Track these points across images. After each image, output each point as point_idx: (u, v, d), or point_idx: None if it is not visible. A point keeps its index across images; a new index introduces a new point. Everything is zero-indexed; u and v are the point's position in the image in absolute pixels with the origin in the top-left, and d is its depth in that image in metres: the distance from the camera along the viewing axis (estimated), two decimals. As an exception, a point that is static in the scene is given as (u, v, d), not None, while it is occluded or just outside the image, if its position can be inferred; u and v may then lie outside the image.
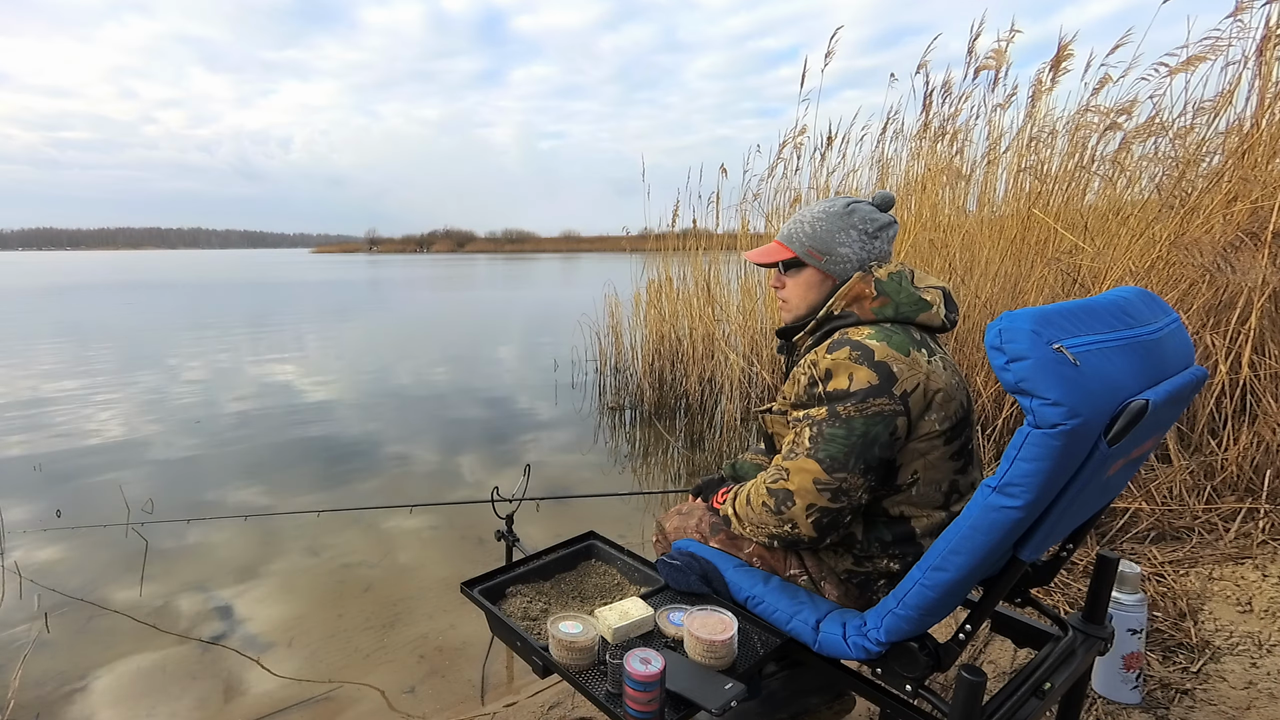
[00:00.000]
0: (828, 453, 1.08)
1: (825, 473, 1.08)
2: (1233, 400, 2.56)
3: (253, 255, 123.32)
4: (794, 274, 1.27)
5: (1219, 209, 2.66)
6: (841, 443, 1.08)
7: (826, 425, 1.09)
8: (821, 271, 1.24)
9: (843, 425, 1.08)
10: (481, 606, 1.38)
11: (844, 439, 1.08)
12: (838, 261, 1.23)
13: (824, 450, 1.09)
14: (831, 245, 1.23)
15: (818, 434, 1.10)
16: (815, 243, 1.24)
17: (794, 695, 1.41)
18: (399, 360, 8.14)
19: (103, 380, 6.83)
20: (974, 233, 3.66)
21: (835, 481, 1.08)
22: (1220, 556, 2.19)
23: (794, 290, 1.28)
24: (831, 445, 1.08)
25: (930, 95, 4.00)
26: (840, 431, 1.08)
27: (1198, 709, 1.61)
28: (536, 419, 5.38)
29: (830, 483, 1.09)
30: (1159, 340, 1.00)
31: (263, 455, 4.46)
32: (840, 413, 1.08)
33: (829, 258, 1.23)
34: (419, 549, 3.05)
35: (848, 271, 1.23)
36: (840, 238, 1.23)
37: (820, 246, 1.23)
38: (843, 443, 1.08)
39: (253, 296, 18.97)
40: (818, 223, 1.24)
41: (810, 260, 1.24)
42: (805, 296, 1.27)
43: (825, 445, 1.09)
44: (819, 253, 1.23)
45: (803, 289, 1.27)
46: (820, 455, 1.09)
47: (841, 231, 1.23)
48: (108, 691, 2.11)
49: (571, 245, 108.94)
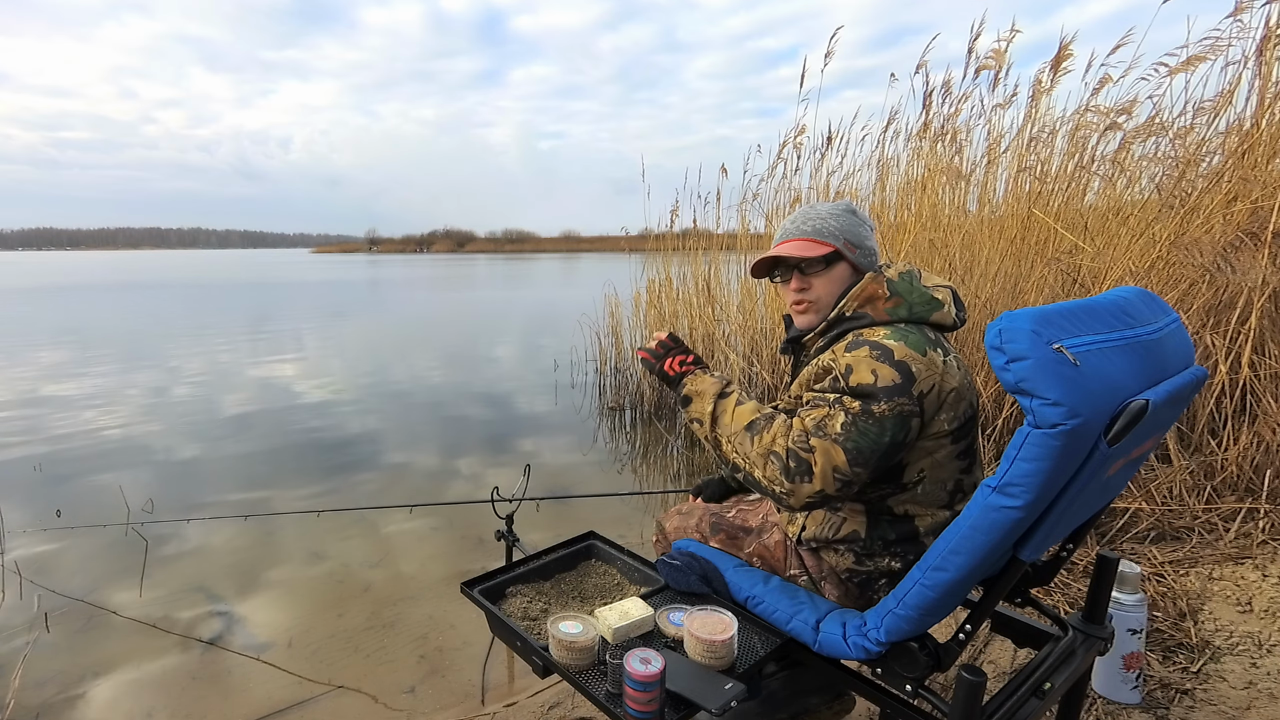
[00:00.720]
0: (856, 445, 1.06)
1: (848, 464, 1.06)
2: (1233, 400, 2.56)
3: (252, 255, 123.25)
4: (822, 271, 1.22)
5: (1219, 209, 2.67)
6: (873, 439, 1.06)
7: (861, 419, 1.06)
8: (853, 266, 1.23)
9: (876, 423, 1.06)
10: (481, 606, 1.38)
11: (875, 436, 1.06)
12: (867, 254, 1.24)
13: (854, 442, 1.06)
14: (861, 238, 1.23)
15: (851, 424, 1.07)
16: (849, 236, 1.23)
17: (794, 695, 1.41)
18: (399, 360, 8.14)
19: (103, 381, 6.83)
20: (974, 233, 3.66)
21: (852, 475, 1.07)
22: (1220, 556, 2.19)
23: (824, 287, 1.23)
24: (863, 439, 1.06)
25: (930, 95, 4.00)
26: (873, 429, 1.06)
27: (1198, 709, 1.61)
28: (536, 419, 5.38)
29: (848, 475, 1.07)
30: (1159, 340, 1.00)
31: (263, 455, 4.46)
32: (875, 411, 1.06)
33: (861, 250, 1.23)
34: (419, 549, 3.05)
35: (874, 265, 1.23)
36: (863, 231, 1.24)
37: (854, 239, 1.23)
38: (874, 439, 1.06)
39: (253, 297, 18.97)
40: (838, 218, 1.23)
41: (848, 253, 1.22)
42: (835, 294, 1.22)
43: (857, 437, 1.06)
44: (854, 245, 1.23)
45: (834, 285, 1.22)
46: (849, 445, 1.06)
47: (861, 226, 1.24)
48: (108, 692, 2.11)
49: (571, 245, 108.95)
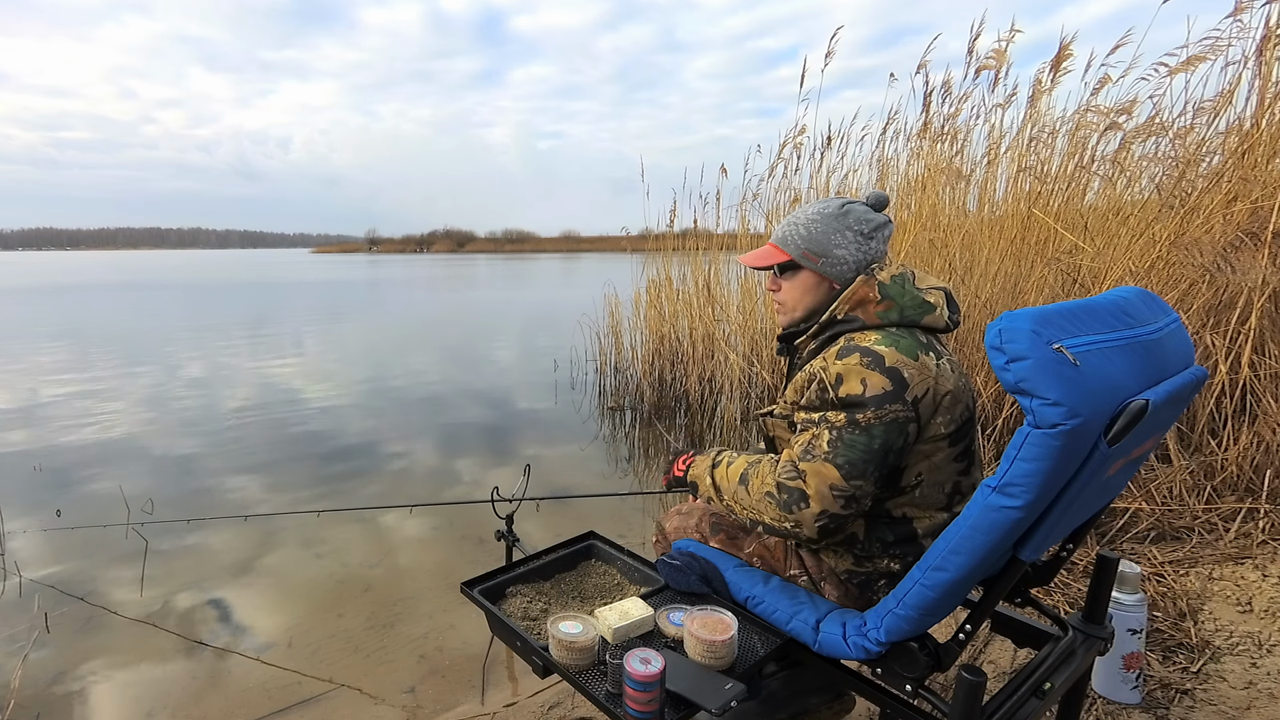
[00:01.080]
0: (847, 459, 1.06)
1: (843, 479, 1.06)
2: (1233, 400, 2.56)
3: (253, 255, 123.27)
4: (790, 277, 1.25)
5: (1219, 209, 2.67)
6: (862, 450, 1.06)
7: (847, 431, 1.07)
8: (818, 274, 1.22)
9: (863, 433, 1.06)
10: (481, 606, 1.38)
11: (864, 446, 1.05)
12: (834, 264, 1.21)
13: (843, 456, 1.06)
14: (827, 247, 1.20)
15: (837, 439, 1.07)
16: (811, 244, 1.21)
17: (794, 695, 1.41)
18: (399, 361, 8.14)
19: (103, 381, 6.83)
20: (974, 233, 3.66)
21: (851, 489, 1.06)
22: (1220, 556, 2.19)
23: (790, 293, 1.26)
24: (852, 451, 1.06)
25: (930, 95, 4.00)
26: (861, 439, 1.06)
27: (1198, 709, 1.61)
28: (536, 419, 5.38)
29: (847, 490, 1.06)
30: (1159, 340, 1.00)
31: (263, 456, 4.45)
32: (860, 420, 1.06)
33: (825, 259, 1.21)
34: (419, 549, 3.05)
35: (845, 274, 1.21)
36: (836, 239, 1.20)
37: (816, 248, 1.21)
38: (863, 450, 1.06)
39: (253, 297, 18.97)
40: (813, 224, 1.22)
41: (806, 263, 1.22)
42: (802, 300, 1.25)
43: (845, 451, 1.06)
44: (815, 254, 1.21)
45: (799, 292, 1.25)
46: (840, 461, 1.06)
47: (837, 233, 1.20)
48: (107, 691, 2.11)
49: (571, 245, 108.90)
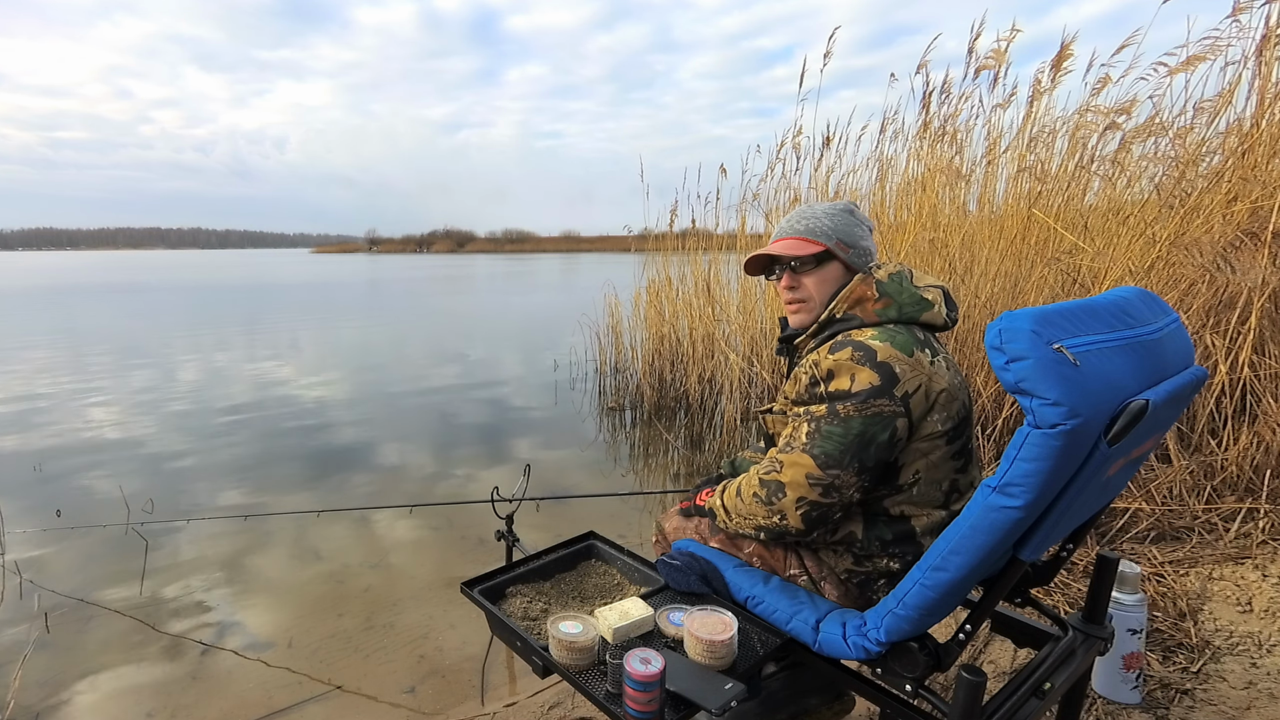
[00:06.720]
0: (823, 449, 1.09)
1: (819, 468, 1.09)
2: (1233, 400, 2.56)
3: (253, 255, 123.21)
4: (813, 270, 1.24)
5: (1219, 209, 2.67)
6: (838, 440, 1.08)
7: (825, 422, 1.10)
8: (845, 265, 1.24)
9: (840, 424, 1.08)
10: (481, 606, 1.38)
11: (840, 437, 1.08)
12: (862, 254, 1.24)
13: (820, 446, 1.09)
14: (855, 238, 1.24)
15: (815, 430, 1.10)
16: (842, 235, 1.23)
17: (794, 695, 1.41)
18: (399, 360, 8.14)
19: (103, 381, 6.83)
20: (974, 233, 3.66)
21: (828, 478, 1.09)
22: (1220, 556, 2.19)
23: (816, 287, 1.25)
24: (828, 442, 1.09)
25: (929, 95, 4.00)
26: (838, 430, 1.08)
27: (1198, 709, 1.61)
28: (536, 419, 5.38)
29: (823, 478, 1.09)
30: (1159, 340, 1.00)
31: (262, 456, 4.45)
32: (840, 411, 1.08)
33: (854, 250, 1.24)
34: (419, 549, 3.05)
35: (867, 265, 1.24)
36: (858, 231, 1.25)
37: (847, 239, 1.24)
38: (839, 440, 1.08)
39: (254, 297, 18.96)
40: (835, 218, 1.24)
41: (840, 253, 1.23)
42: (826, 293, 1.24)
43: (822, 441, 1.09)
44: (847, 245, 1.23)
45: (826, 285, 1.24)
46: (815, 451, 1.10)
47: (856, 226, 1.25)
48: (107, 692, 2.10)
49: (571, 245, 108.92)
